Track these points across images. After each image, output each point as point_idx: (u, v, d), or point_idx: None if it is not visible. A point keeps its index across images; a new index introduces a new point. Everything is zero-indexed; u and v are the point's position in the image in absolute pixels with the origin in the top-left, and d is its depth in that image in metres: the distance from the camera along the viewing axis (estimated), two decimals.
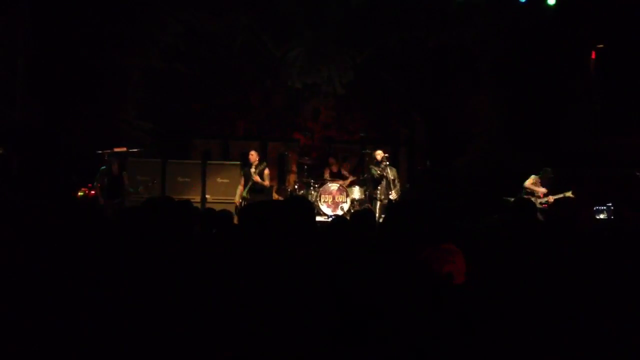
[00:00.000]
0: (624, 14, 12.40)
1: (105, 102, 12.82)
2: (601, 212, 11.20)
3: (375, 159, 11.42)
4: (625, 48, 12.60)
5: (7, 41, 11.17)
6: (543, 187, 10.92)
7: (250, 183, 10.64)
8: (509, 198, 10.41)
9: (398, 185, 11.34)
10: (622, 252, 3.27)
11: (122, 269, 2.59)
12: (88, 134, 12.16)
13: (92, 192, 10.33)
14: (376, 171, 11.28)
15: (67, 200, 10.20)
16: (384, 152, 11.43)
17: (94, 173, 10.36)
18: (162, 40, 13.28)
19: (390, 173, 11.24)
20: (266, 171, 10.85)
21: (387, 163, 11.28)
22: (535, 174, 10.98)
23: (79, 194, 10.45)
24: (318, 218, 11.30)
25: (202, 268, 2.84)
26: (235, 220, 5.88)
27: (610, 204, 11.19)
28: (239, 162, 12.57)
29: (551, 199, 10.80)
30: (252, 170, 10.73)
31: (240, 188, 10.86)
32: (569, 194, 10.81)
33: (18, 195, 9.75)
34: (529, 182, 10.92)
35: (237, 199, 10.79)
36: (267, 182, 10.82)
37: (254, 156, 10.89)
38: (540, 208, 10.75)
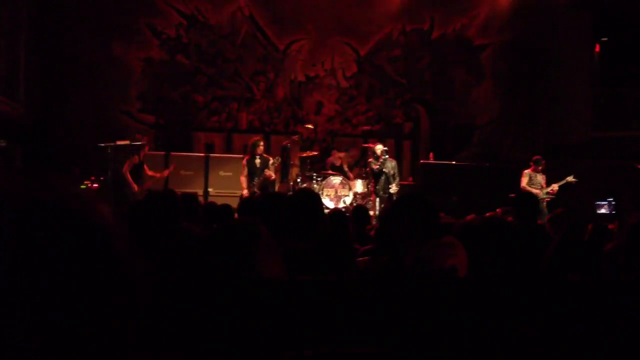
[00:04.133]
0: (627, 7, 12.35)
1: (107, 94, 12.80)
2: (602, 206, 11.19)
3: (375, 153, 11.40)
4: (628, 42, 12.56)
5: (9, 34, 11.15)
6: (541, 174, 10.94)
7: (262, 178, 10.39)
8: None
9: (398, 178, 11.31)
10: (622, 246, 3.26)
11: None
12: (90, 127, 12.16)
13: (95, 185, 10.32)
14: (375, 165, 11.25)
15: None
16: (384, 146, 11.39)
17: (96, 166, 10.35)
18: (164, 32, 13.25)
19: (390, 167, 11.22)
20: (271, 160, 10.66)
21: (387, 157, 11.24)
22: (527, 169, 11.01)
23: (81, 187, 10.44)
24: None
25: (205, 263, 2.83)
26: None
27: (611, 199, 11.19)
28: (242, 155, 12.56)
29: (555, 187, 10.80)
30: (257, 160, 10.47)
31: (244, 180, 10.60)
32: (570, 178, 10.81)
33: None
34: (524, 183, 10.93)
35: (246, 192, 10.33)
36: (273, 175, 10.63)
37: (261, 148, 10.68)
38: (545, 199, 10.80)
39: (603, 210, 11.15)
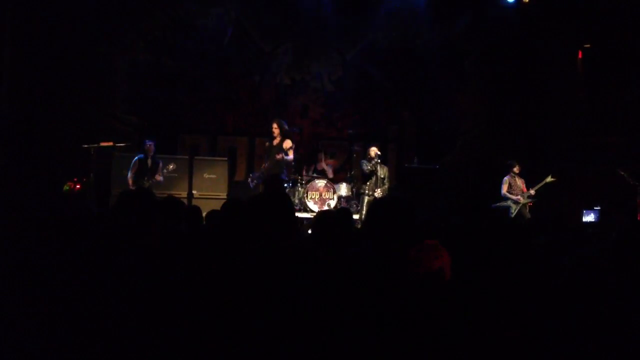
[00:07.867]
0: (611, 13, 12.46)
1: (91, 95, 12.68)
2: (589, 214, 11.26)
3: (369, 154, 11.42)
4: (612, 48, 12.66)
5: None
6: (520, 178, 11.12)
7: (153, 180, 10.44)
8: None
9: (387, 184, 11.31)
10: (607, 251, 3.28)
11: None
12: (74, 128, 12.05)
13: (78, 186, 10.24)
14: (367, 166, 11.26)
15: (52, 194, 10.11)
16: (378, 150, 11.41)
17: (80, 167, 10.27)
18: (150, 33, 13.18)
19: (381, 171, 11.24)
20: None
21: (379, 160, 11.26)
22: (506, 176, 11.20)
23: (65, 187, 10.36)
24: (305, 215, 11.31)
25: (186, 264, 2.81)
26: None
27: (598, 207, 11.27)
28: (226, 158, 12.56)
29: (532, 191, 11.01)
30: (149, 161, 10.54)
31: (131, 176, 10.50)
32: (549, 179, 10.97)
33: (5, 188, 9.68)
34: (504, 190, 11.14)
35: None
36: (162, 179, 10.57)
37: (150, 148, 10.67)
38: (527, 203, 10.95)
39: (590, 219, 11.23)
